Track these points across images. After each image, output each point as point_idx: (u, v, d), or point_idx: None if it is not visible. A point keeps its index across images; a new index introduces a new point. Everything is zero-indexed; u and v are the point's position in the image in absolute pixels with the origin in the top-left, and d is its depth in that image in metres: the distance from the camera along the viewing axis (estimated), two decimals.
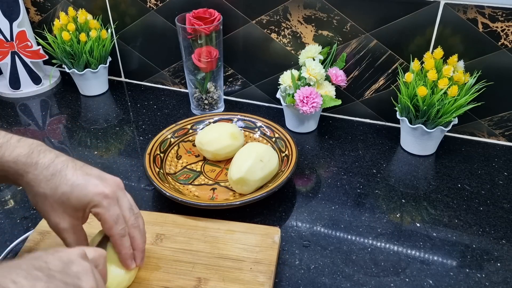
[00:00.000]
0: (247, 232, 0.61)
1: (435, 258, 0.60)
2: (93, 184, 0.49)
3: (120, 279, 0.52)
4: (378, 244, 0.63)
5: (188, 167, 0.77)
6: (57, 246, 0.54)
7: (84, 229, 0.53)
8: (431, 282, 0.57)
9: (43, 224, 0.62)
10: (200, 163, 0.78)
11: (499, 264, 0.59)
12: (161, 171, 0.74)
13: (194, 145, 0.80)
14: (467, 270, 0.59)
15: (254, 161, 0.67)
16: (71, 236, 0.51)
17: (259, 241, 0.59)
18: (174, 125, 0.82)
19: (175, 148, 0.80)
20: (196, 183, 0.74)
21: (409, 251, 0.61)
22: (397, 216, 0.67)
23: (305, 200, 0.71)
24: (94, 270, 0.41)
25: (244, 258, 0.57)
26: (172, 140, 0.80)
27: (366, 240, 0.63)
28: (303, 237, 0.64)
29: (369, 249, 0.62)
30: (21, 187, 0.74)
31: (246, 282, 0.54)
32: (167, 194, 0.66)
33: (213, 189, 0.72)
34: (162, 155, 0.77)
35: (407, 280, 0.57)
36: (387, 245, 0.62)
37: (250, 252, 0.58)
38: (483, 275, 0.58)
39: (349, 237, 0.64)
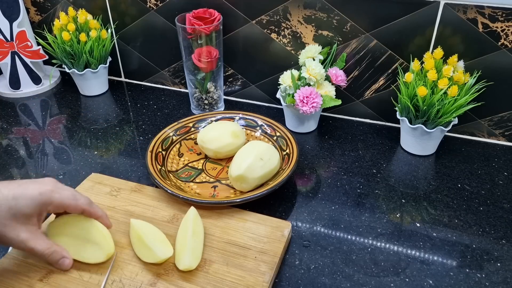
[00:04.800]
0: (259, 222, 0.63)
1: (435, 258, 0.60)
2: (34, 188, 0.52)
3: (101, 250, 0.57)
4: (378, 244, 0.63)
5: (189, 165, 0.78)
6: None
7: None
8: (431, 282, 0.57)
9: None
10: (202, 161, 0.78)
11: (499, 264, 0.59)
12: (163, 168, 0.74)
13: (196, 143, 0.81)
14: (467, 270, 0.59)
15: (254, 159, 0.68)
16: (39, 243, 0.53)
17: (268, 233, 0.61)
18: (176, 123, 0.82)
19: (177, 146, 0.80)
20: (197, 180, 0.74)
21: (409, 251, 0.61)
22: (397, 216, 0.67)
23: (305, 200, 0.71)
24: None
25: (251, 247, 0.59)
26: (174, 138, 0.80)
27: (366, 240, 0.63)
28: (303, 237, 0.64)
29: (369, 249, 0.62)
30: None
31: (248, 269, 0.56)
32: (169, 191, 0.66)
33: (214, 186, 0.72)
34: (164, 152, 0.77)
35: (407, 280, 0.57)
36: (387, 245, 0.62)
37: (257, 242, 0.60)
38: (483, 275, 0.58)
39: (349, 237, 0.64)
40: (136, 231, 0.59)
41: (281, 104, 0.88)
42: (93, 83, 1.01)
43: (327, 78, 0.84)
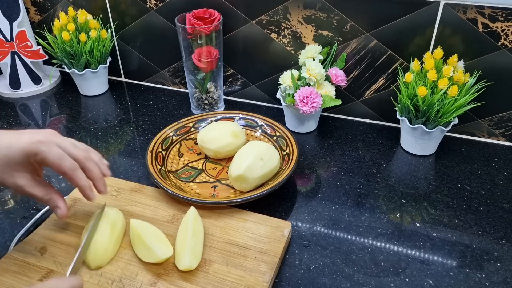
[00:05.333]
0: (259, 222, 0.63)
1: (435, 258, 0.60)
2: (26, 137, 0.53)
3: (102, 250, 0.57)
4: (378, 244, 0.63)
5: (189, 165, 0.78)
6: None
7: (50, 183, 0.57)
8: (431, 282, 0.57)
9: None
10: (202, 161, 0.78)
11: (499, 264, 0.59)
12: (163, 168, 0.74)
13: (196, 143, 0.81)
14: (467, 270, 0.59)
15: (254, 159, 0.68)
16: (36, 190, 0.54)
17: (268, 233, 0.61)
18: (176, 123, 0.82)
19: (177, 146, 0.80)
20: (197, 180, 0.74)
21: (409, 251, 0.61)
22: (397, 216, 0.67)
23: (305, 200, 0.71)
24: None
25: (251, 247, 0.59)
26: (174, 138, 0.80)
27: (366, 240, 0.63)
28: (303, 237, 0.64)
29: (369, 249, 0.62)
30: None
31: (248, 269, 0.56)
32: (169, 191, 0.66)
33: (214, 186, 0.72)
34: (164, 152, 0.77)
35: (407, 280, 0.57)
36: (387, 245, 0.62)
37: (257, 242, 0.60)
38: (483, 275, 0.58)
39: (349, 237, 0.64)
40: (136, 231, 0.59)
41: (281, 104, 0.88)
42: (93, 83, 1.01)
43: (327, 78, 0.84)
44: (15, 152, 0.52)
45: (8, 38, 0.98)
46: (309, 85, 0.81)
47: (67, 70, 0.99)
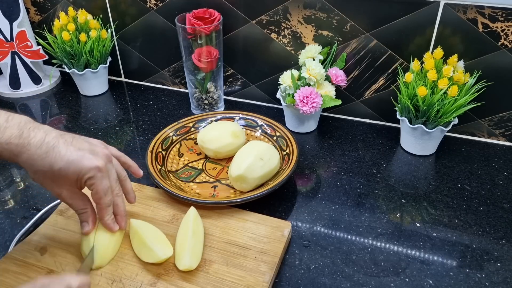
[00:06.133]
0: (259, 222, 0.63)
1: (435, 258, 0.60)
2: (87, 159, 0.53)
3: (102, 250, 0.57)
4: (378, 244, 0.63)
5: (189, 165, 0.78)
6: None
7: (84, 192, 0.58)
8: (431, 282, 0.57)
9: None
10: (202, 161, 0.78)
11: (499, 264, 0.59)
12: (163, 168, 0.74)
13: (196, 143, 0.81)
14: (467, 270, 0.59)
15: (254, 159, 0.68)
16: (75, 202, 0.57)
17: (268, 233, 0.61)
18: (176, 123, 0.82)
19: (177, 146, 0.80)
20: (197, 180, 0.74)
21: (409, 251, 0.61)
22: (397, 216, 0.67)
23: (305, 200, 0.71)
24: None
25: (251, 247, 0.59)
26: (174, 138, 0.80)
27: (366, 240, 0.63)
28: (303, 237, 0.64)
29: (369, 249, 0.62)
30: (21, 187, 0.74)
31: (249, 269, 0.56)
32: (169, 191, 0.66)
33: (214, 186, 0.72)
34: (164, 152, 0.77)
35: (407, 280, 0.57)
36: (387, 245, 0.62)
37: (257, 242, 0.60)
38: (483, 275, 0.58)
39: (349, 237, 0.64)
40: (136, 231, 0.59)
41: (281, 104, 0.88)
42: (93, 83, 1.01)
43: (327, 78, 0.84)
44: (72, 172, 0.52)
45: (8, 38, 0.98)
46: (309, 85, 0.81)
47: (67, 70, 0.99)
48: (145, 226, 0.60)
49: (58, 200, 0.68)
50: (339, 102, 0.81)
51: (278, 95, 0.88)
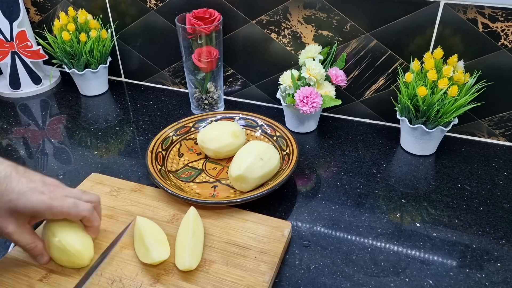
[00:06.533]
0: (259, 222, 0.63)
1: (435, 258, 0.60)
2: (38, 192, 0.52)
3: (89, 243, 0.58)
4: (378, 244, 0.63)
5: (189, 165, 0.78)
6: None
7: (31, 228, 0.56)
8: (431, 282, 0.57)
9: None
10: (202, 161, 0.78)
11: (499, 264, 0.59)
12: (163, 168, 0.74)
13: (196, 143, 0.81)
14: (467, 270, 0.59)
15: (254, 159, 0.68)
16: (21, 237, 0.54)
17: (268, 233, 0.61)
18: (176, 123, 0.82)
19: (177, 146, 0.80)
20: (197, 180, 0.74)
21: (409, 251, 0.61)
22: (397, 216, 0.67)
23: (305, 200, 0.71)
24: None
25: (251, 247, 0.59)
26: (174, 138, 0.80)
27: (366, 240, 0.63)
28: (303, 237, 0.64)
29: (369, 249, 0.62)
30: None
31: (249, 269, 0.56)
32: (169, 191, 0.66)
33: (214, 186, 0.72)
34: (164, 152, 0.77)
35: (407, 280, 0.57)
36: (387, 245, 0.62)
37: (257, 242, 0.60)
38: (483, 275, 0.58)
39: (349, 237, 0.64)
40: (139, 229, 0.59)
41: (281, 104, 0.88)
42: (93, 83, 1.01)
43: (327, 78, 0.84)
44: (23, 205, 0.51)
45: (8, 38, 0.98)
46: (309, 85, 0.81)
47: (67, 70, 0.99)
48: (149, 225, 0.60)
49: None
50: (339, 102, 0.81)
51: (278, 95, 0.88)
